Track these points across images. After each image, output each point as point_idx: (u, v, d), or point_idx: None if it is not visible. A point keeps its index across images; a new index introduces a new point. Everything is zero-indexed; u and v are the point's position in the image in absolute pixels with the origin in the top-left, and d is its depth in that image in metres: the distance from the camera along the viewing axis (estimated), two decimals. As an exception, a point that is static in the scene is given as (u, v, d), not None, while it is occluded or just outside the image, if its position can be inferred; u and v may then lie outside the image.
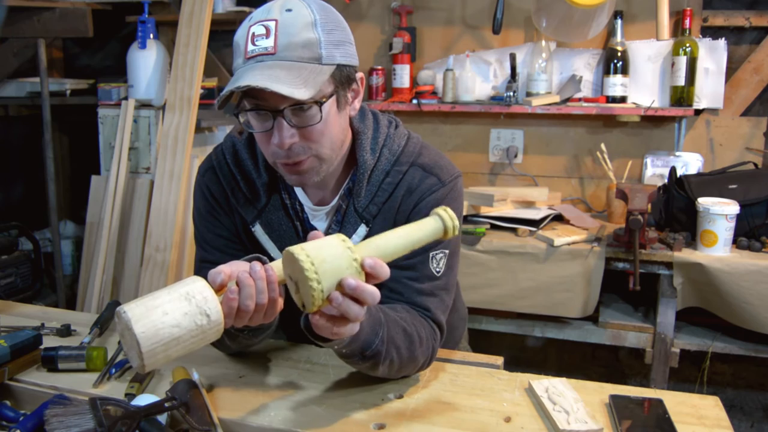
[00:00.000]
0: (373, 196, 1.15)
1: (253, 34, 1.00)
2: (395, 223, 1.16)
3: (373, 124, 1.18)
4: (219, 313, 0.86)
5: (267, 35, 0.99)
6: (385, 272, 0.88)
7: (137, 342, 0.79)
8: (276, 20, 0.99)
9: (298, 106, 1.00)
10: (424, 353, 1.10)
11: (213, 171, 1.22)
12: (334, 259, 0.85)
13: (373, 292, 0.87)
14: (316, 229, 1.19)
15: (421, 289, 1.13)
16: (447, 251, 1.15)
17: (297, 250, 0.85)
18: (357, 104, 1.13)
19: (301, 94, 0.96)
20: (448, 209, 0.94)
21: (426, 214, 1.14)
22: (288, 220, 1.20)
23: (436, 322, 1.15)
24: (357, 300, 0.86)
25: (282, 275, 0.92)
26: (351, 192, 1.17)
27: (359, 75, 1.10)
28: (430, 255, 1.13)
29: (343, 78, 1.05)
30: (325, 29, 1.02)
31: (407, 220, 1.15)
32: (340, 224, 1.18)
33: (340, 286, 0.85)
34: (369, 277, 0.87)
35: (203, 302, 0.84)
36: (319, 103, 1.01)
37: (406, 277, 1.13)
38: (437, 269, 1.14)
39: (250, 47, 1.00)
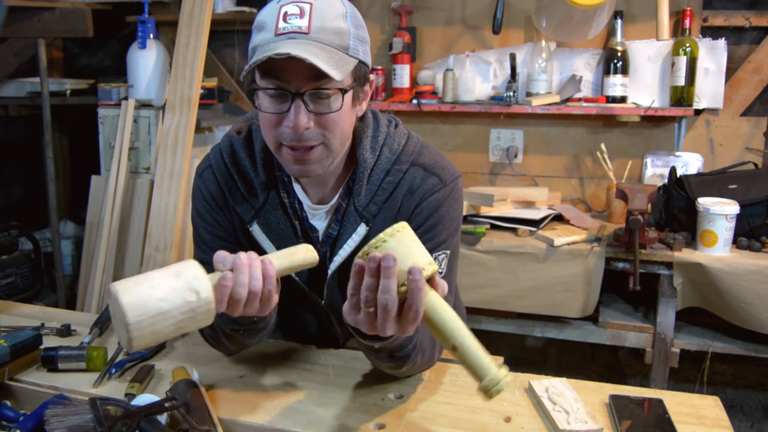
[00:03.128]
0: (374, 195, 1.15)
1: (286, 12, 1.00)
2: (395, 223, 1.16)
3: (372, 123, 1.18)
4: (209, 291, 0.85)
5: (301, 15, 0.99)
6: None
7: (123, 313, 0.78)
8: (311, 4, 1.00)
9: (320, 90, 1.00)
10: (437, 356, 1.14)
11: (210, 171, 1.21)
12: (416, 245, 0.88)
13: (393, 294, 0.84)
14: (315, 228, 1.19)
15: (425, 290, 1.13)
16: (448, 252, 1.15)
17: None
18: (364, 105, 1.14)
19: (335, 74, 0.97)
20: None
21: (428, 214, 1.14)
22: (286, 219, 1.18)
23: None
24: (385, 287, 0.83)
25: (280, 268, 0.92)
26: (351, 191, 1.16)
27: (371, 77, 1.12)
28: (432, 257, 1.12)
29: (361, 75, 1.07)
30: (354, 23, 1.04)
31: (408, 221, 1.15)
32: (340, 223, 1.17)
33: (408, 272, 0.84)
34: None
35: (192, 279, 0.84)
36: (343, 91, 1.02)
37: None
38: (440, 270, 1.14)
39: (282, 24, 0.99)
